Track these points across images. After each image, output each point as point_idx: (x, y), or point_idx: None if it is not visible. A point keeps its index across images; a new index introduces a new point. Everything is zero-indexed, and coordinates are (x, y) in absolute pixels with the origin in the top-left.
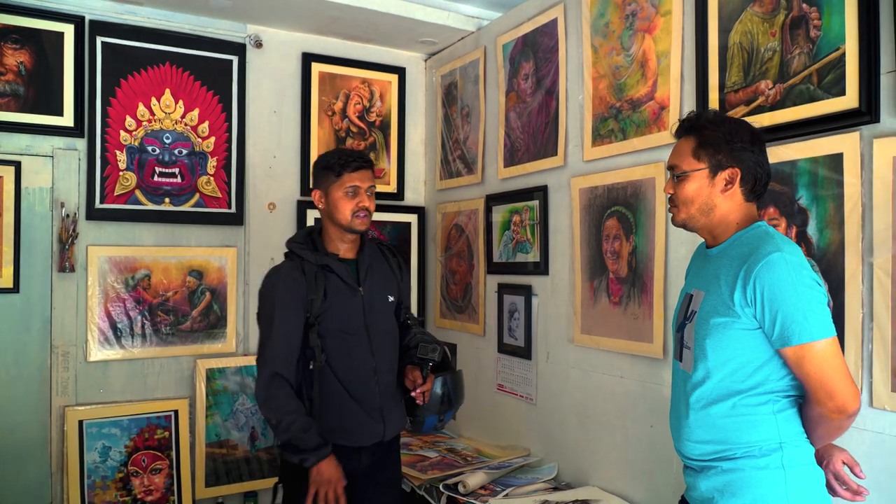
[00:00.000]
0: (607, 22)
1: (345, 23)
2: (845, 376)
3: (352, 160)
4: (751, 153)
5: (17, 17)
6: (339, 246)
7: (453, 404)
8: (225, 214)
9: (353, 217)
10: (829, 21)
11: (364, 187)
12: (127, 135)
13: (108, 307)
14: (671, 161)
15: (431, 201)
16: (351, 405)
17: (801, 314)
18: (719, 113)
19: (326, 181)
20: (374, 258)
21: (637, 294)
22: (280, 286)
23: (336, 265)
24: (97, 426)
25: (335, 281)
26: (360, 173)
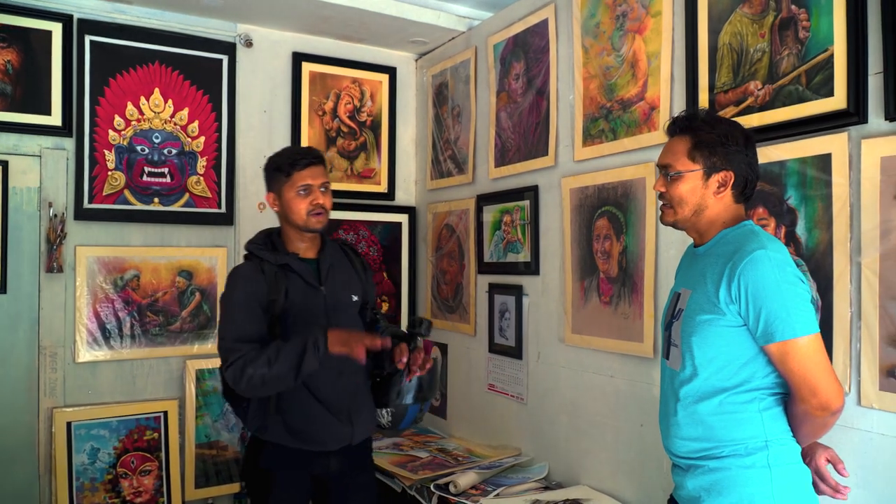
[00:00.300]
0: (598, 22)
1: (335, 22)
2: (828, 373)
3: (300, 157)
4: (744, 156)
5: (5, 16)
6: (298, 246)
7: (430, 392)
8: (215, 214)
9: (308, 216)
10: (818, 22)
11: (317, 184)
12: (116, 134)
13: (97, 308)
14: (664, 160)
15: (422, 201)
16: (316, 408)
17: (785, 311)
18: (712, 113)
19: (277, 182)
20: (336, 257)
21: (627, 294)
22: (239, 287)
23: (296, 264)
24: (85, 428)
25: (296, 280)
26: (310, 170)
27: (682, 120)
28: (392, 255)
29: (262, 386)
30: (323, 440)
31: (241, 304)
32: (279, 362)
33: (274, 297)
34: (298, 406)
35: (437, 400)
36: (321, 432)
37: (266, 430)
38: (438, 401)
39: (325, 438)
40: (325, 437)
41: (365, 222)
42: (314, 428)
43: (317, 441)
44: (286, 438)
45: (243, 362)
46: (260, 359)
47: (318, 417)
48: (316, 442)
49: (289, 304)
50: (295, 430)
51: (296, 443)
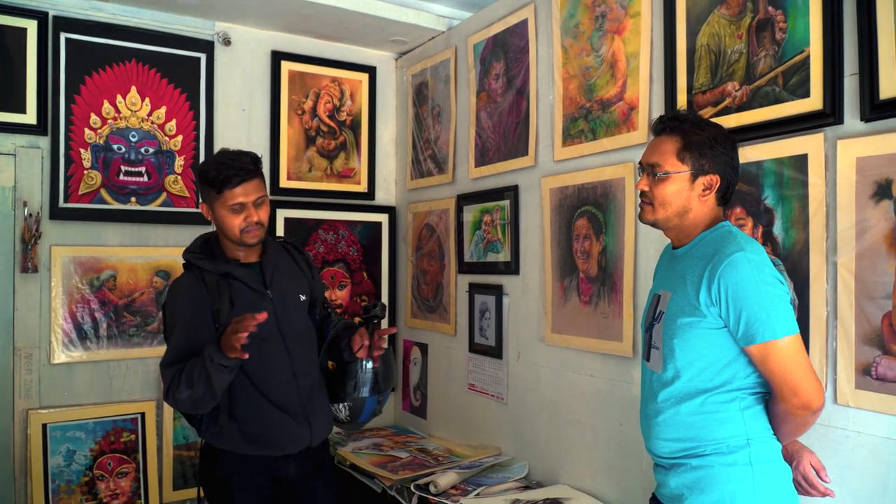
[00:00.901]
0: (577, 23)
1: (315, 21)
2: (809, 373)
3: (232, 174)
4: (729, 159)
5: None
6: (238, 252)
7: (387, 383)
8: (192, 214)
9: (242, 233)
10: (795, 24)
11: (250, 201)
12: (92, 133)
13: (73, 308)
14: (650, 158)
15: (402, 201)
16: (273, 412)
17: (765, 312)
18: (697, 115)
19: (209, 196)
20: (280, 258)
21: (607, 293)
22: (178, 301)
23: (238, 271)
24: (61, 429)
25: (240, 288)
26: (242, 188)
27: (671, 119)
28: (372, 255)
29: (195, 407)
30: (282, 444)
31: (180, 323)
32: (194, 385)
33: (217, 306)
34: (254, 412)
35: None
36: (280, 436)
37: (221, 437)
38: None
39: (284, 442)
40: (285, 441)
41: (345, 222)
42: (272, 432)
43: (276, 445)
44: (242, 446)
45: (172, 388)
46: (181, 383)
47: (276, 421)
48: (275, 446)
49: (235, 312)
50: (251, 437)
51: (253, 449)
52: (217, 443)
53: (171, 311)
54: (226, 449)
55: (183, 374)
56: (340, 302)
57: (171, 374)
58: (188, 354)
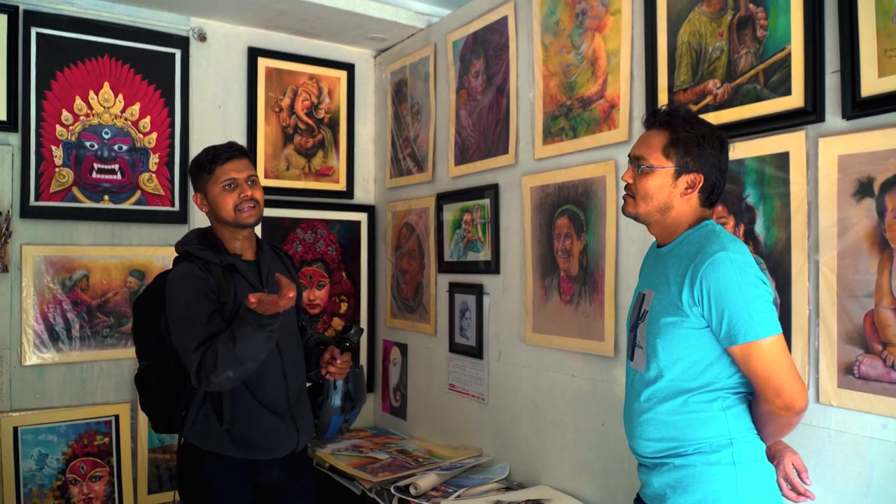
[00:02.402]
0: (557, 20)
1: (292, 17)
2: (792, 373)
3: (221, 151)
4: (717, 160)
5: None
6: (235, 246)
7: (356, 403)
8: (168, 213)
9: (236, 211)
10: (776, 21)
11: (242, 177)
12: (63, 129)
13: (44, 309)
14: (637, 151)
15: (381, 200)
16: (263, 414)
17: (747, 313)
18: (691, 112)
19: (202, 181)
20: (273, 260)
21: (588, 292)
22: (189, 287)
23: (241, 266)
24: (33, 433)
25: (242, 282)
26: (233, 163)
27: (663, 114)
28: (351, 255)
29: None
30: (271, 447)
31: (197, 305)
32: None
33: (224, 298)
34: (243, 412)
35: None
36: (270, 439)
37: (207, 438)
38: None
39: (273, 446)
40: (274, 444)
41: (323, 221)
42: (262, 435)
43: (264, 449)
44: (230, 449)
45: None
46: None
47: (266, 424)
48: (263, 450)
49: (237, 307)
50: (239, 439)
51: (240, 453)
52: (201, 443)
53: (178, 296)
54: (210, 451)
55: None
56: (319, 302)
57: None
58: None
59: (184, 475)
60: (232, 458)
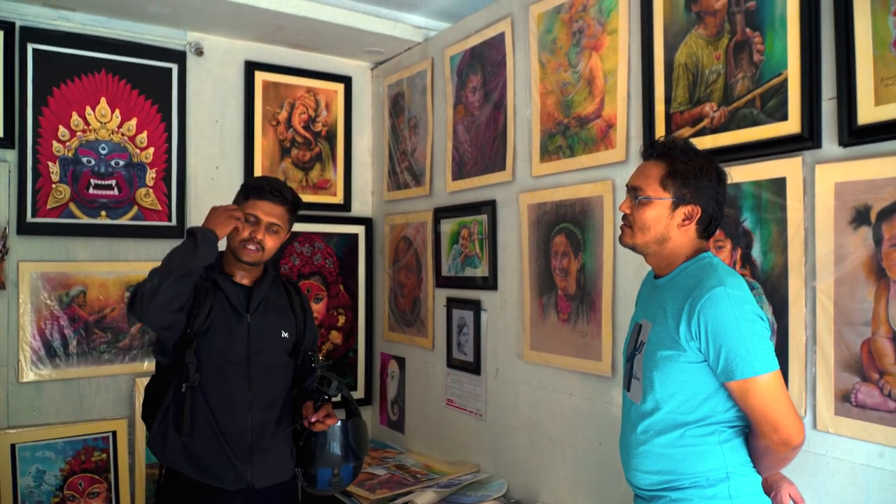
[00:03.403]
0: (554, 38)
1: (289, 31)
2: (789, 409)
3: (266, 189)
4: (714, 192)
5: None
6: (235, 270)
7: (355, 457)
8: (165, 228)
9: (240, 245)
10: (773, 46)
11: (265, 220)
12: (60, 146)
13: (41, 325)
14: (635, 181)
15: (379, 212)
16: (215, 438)
17: (744, 349)
18: (690, 143)
19: (237, 201)
20: (275, 291)
21: (586, 311)
22: None
23: (226, 285)
24: (30, 450)
25: (222, 301)
26: (267, 204)
27: (661, 145)
28: (348, 268)
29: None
30: (217, 475)
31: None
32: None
33: (197, 311)
34: (199, 431)
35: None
36: (216, 466)
37: (164, 449)
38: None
39: (219, 474)
40: (220, 473)
41: (320, 234)
42: (210, 460)
43: (212, 475)
44: (184, 466)
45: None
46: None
47: (216, 449)
48: (211, 476)
49: (208, 324)
50: (193, 458)
51: (192, 471)
52: (160, 454)
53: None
54: (170, 466)
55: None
56: (316, 315)
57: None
58: None
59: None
60: (191, 481)
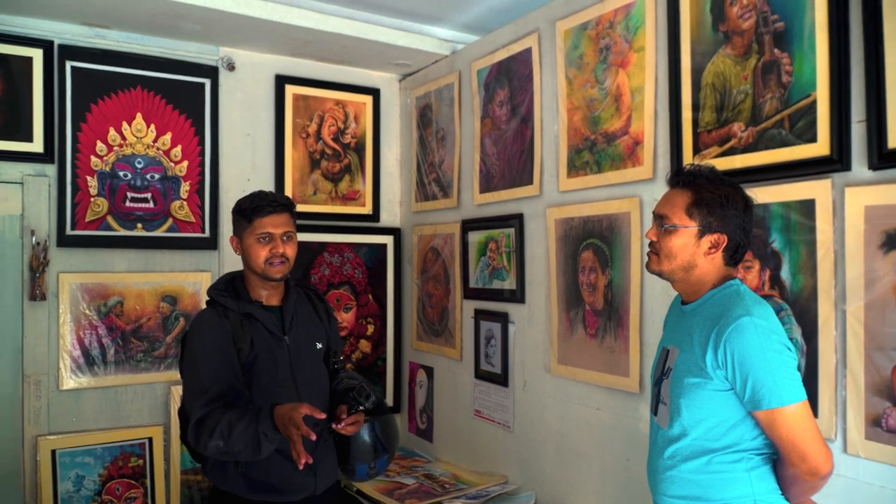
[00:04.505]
0: (581, 54)
1: (318, 46)
2: (816, 439)
3: (264, 204)
4: (741, 221)
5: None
6: (261, 293)
7: (386, 450)
8: (198, 239)
9: (266, 265)
10: (801, 67)
11: (278, 233)
12: (98, 160)
13: (80, 334)
14: (661, 210)
15: (407, 223)
16: (279, 460)
17: (771, 379)
18: (716, 171)
19: (240, 227)
20: (300, 304)
21: (613, 327)
22: (204, 332)
23: (260, 313)
24: (70, 455)
25: (260, 330)
26: (272, 218)
27: (687, 174)
28: (377, 277)
29: (222, 457)
30: (285, 491)
31: (207, 353)
32: (234, 442)
33: (240, 345)
34: (261, 460)
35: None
36: (284, 484)
37: (226, 479)
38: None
39: (289, 490)
40: (290, 490)
41: (350, 244)
42: (277, 480)
43: (280, 492)
44: (244, 491)
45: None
46: (215, 432)
47: (282, 469)
48: (279, 493)
49: (254, 354)
50: (255, 482)
51: (257, 496)
52: (221, 484)
53: (195, 343)
54: (229, 492)
55: (219, 425)
56: (346, 324)
57: (200, 411)
58: (217, 388)
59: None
60: (251, 500)
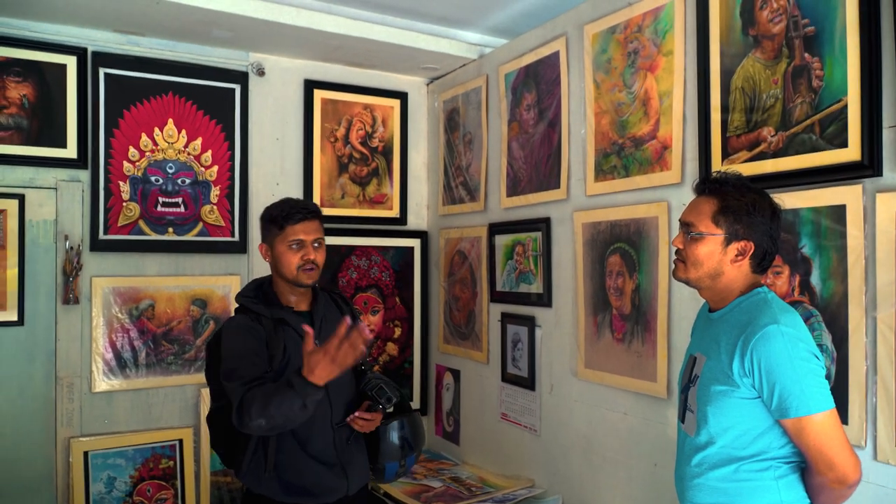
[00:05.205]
0: (609, 58)
1: (346, 51)
2: (844, 448)
3: (295, 212)
4: (768, 228)
5: (20, 50)
6: (290, 299)
7: (413, 448)
8: (228, 243)
9: (298, 271)
10: (832, 72)
11: (309, 240)
12: (130, 165)
13: (113, 337)
14: (687, 217)
15: (434, 226)
16: (311, 463)
17: (799, 388)
18: (743, 178)
19: (270, 234)
20: (328, 309)
21: (640, 332)
22: (237, 334)
23: (292, 318)
24: (102, 457)
25: (292, 335)
26: (303, 225)
27: (713, 181)
28: (404, 280)
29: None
30: (319, 494)
31: (242, 349)
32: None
33: (273, 351)
34: (292, 461)
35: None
36: (317, 487)
37: (259, 483)
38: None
39: (320, 492)
40: (321, 491)
41: (377, 247)
42: (310, 483)
43: (313, 495)
44: (279, 494)
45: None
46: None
47: (314, 472)
48: (312, 496)
49: (286, 360)
50: (289, 485)
51: (290, 498)
52: (255, 487)
53: (228, 343)
54: (263, 495)
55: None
56: (373, 327)
57: (240, 391)
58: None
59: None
60: (284, 503)
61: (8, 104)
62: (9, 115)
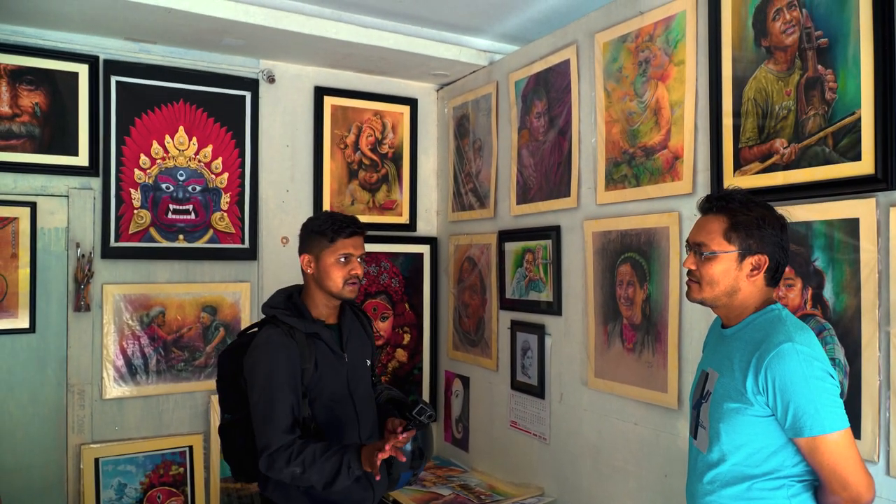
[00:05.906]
0: (620, 67)
1: (357, 58)
2: (859, 467)
3: (346, 226)
4: (779, 240)
5: (32, 59)
6: (322, 311)
7: (423, 457)
8: (238, 250)
9: (344, 285)
10: (845, 85)
11: (357, 254)
12: (141, 173)
13: (124, 344)
14: (697, 238)
15: (444, 232)
16: None
17: (813, 407)
18: (746, 194)
19: (318, 246)
20: (353, 323)
21: (651, 342)
22: (279, 361)
23: (325, 334)
24: (113, 463)
25: (324, 349)
26: (353, 240)
27: (718, 199)
28: (413, 286)
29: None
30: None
31: (283, 383)
32: (314, 471)
33: (305, 365)
34: None
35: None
36: (346, 500)
37: (288, 497)
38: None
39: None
40: (348, 503)
41: (386, 253)
42: (338, 496)
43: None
44: None
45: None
46: (298, 458)
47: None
48: None
49: (318, 374)
50: (316, 498)
51: None
52: (283, 502)
53: (268, 367)
54: None
55: (303, 453)
56: (382, 333)
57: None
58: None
59: None
60: None
61: (20, 112)
62: (21, 123)
